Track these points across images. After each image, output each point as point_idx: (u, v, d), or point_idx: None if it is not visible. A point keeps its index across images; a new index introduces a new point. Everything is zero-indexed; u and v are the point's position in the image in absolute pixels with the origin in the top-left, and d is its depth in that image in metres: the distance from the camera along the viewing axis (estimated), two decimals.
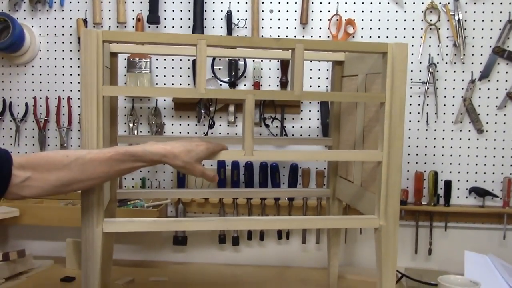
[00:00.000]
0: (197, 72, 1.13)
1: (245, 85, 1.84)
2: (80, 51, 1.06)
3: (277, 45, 1.17)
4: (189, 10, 1.82)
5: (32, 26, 1.86)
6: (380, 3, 1.80)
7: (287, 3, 1.82)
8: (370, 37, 1.81)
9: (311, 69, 1.83)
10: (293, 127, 1.85)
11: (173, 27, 1.85)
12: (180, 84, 1.86)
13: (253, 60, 1.82)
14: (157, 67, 1.86)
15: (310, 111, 1.84)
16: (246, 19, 1.82)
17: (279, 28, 1.83)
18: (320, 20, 1.82)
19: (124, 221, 1.17)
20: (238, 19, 1.82)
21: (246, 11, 1.82)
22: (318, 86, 1.84)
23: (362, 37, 1.81)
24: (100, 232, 1.12)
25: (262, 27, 1.83)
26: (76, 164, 1.00)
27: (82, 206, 1.11)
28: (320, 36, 1.82)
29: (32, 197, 1.01)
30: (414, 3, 1.79)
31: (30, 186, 0.97)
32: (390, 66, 1.20)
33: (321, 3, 1.81)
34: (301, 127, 1.85)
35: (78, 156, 1.01)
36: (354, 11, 1.81)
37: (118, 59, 1.47)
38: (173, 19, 1.84)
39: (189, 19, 1.83)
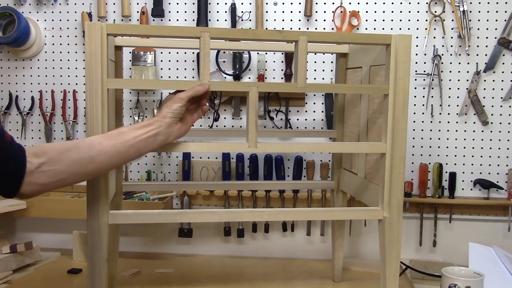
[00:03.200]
0: (201, 65, 1.13)
1: (249, 77, 1.85)
2: (84, 44, 1.07)
3: (280, 37, 1.17)
4: (193, 3, 1.82)
5: (37, 20, 1.87)
6: None
7: None
8: (375, 29, 1.81)
9: (315, 62, 1.83)
10: (297, 119, 1.85)
11: (177, 20, 1.85)
12: (185, 77, 1.86)
13: (258, 53, 1.82)
14: (161, 61, 1.86)
15: (314, 103, 1.85)
16: (250, 12, 1.82)
17: (283, 20, 1.83)
18: (324, 12, 1.82)
19: (129, 213, 1.18)
20: (242, 11, 1.82)
21: (250, 3, 1.82)
22: (323, 79, 1.84)
23: (366, 29, 1.81)
24: (105, 224, 1.13)
25: (266, 20, 1.82)
26: (84, 143, 1.03)
27: (88, 198, 1.12)
28: (324, 28, 1.82)
29: (50, 186, 1.00)
30: None
31: (45, 171, 0.98)
32: (394, 57, 1.20)
33: None
34: (306, 119, 1.85)
35: (84, 138, 1.05)
36: (358, 3, 1.80)
37: (122, 52, 1.48)
38: (177, 12, 1.85)
39: (193, 12, 1.83)
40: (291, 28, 1.83)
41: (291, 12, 1.82)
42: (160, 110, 1.13)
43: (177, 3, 1.84)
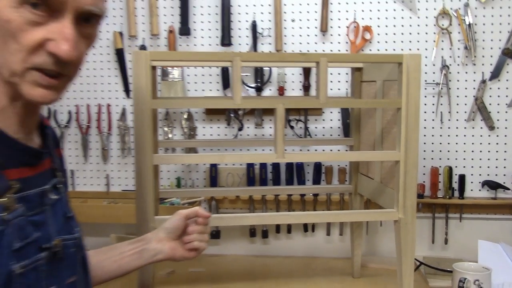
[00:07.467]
0: (233, 85, 1.27)
1: (270, 89, 1.97)
2: (131, 69, 1.20)
3: (303, 59, 1.31)
4: (217, 21, 1.96)
5: None
6: (394, 10, 1.92)
7: (308, 12, 1.94)
8: (386, 42, 1.93)
9: (331, 73, 1.95)
10: (315, 127, 1.98)
11: (202, 37, 1.98)
12: (210, 90, 1.99)
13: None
14: (188, 75, 1.99)
15: (331, 112, 1.97)
16: (269, 29, 1.95)
17: (300, 35, 1.96)
18: (339, 27, 1.95)
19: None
20: (262, 28, 1.95)
21: (269, 20, 1.95)
22: (339, 89, 1.96)
23: (378, 42, 1.94)
24: (152, 228, 1.27)
25: (285, 35, 1.95)
26: None
27: (137, 205, 1.26)
28: (339, 42, 1.94)
29: None
30: (426, 9, 1.91)
31: None
32: (405, 74, 1.32)
33: (339, 11, 1.94)
34: (323, 127, 1.98)
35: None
36: (370, 18, 1.93)
37: (156, 71, 1.62)
38: (202, 29, 1.98)
39: (217, 29, 1.96)
40: (308, 43, 1.95)
41: (308, 28, 1.95)
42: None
43: (202, 22, 1.97)
